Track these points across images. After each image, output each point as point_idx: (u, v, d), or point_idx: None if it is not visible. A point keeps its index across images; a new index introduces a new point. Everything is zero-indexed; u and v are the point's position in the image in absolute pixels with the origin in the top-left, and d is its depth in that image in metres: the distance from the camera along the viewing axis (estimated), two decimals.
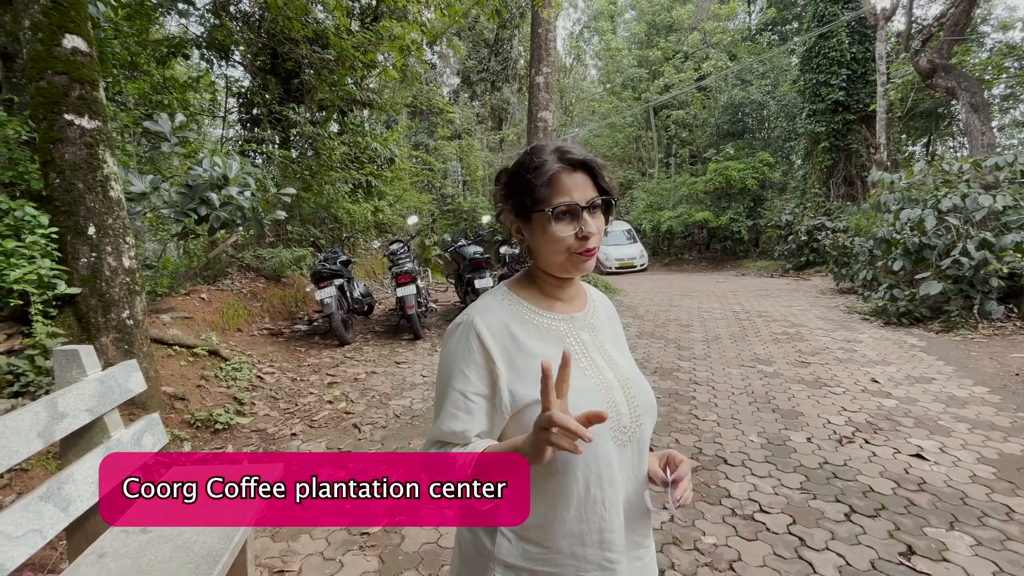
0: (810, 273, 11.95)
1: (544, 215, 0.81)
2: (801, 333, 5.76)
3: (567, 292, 0.91)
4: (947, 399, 3.65)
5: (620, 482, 0.83)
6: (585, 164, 0.83)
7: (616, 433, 0.83)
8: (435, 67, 20.13)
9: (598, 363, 0.87)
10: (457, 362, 0.82)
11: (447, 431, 0.81)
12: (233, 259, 6.05)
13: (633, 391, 0.87)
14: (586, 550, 0.82)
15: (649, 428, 0.89)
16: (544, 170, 0.81)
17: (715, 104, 19.78)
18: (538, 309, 0.88)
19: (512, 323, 0.85)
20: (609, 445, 0.82)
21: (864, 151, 12.70)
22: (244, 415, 3.35)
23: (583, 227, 0.80)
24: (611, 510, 0.82)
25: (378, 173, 9.56)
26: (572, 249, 0.81)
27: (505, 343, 0.83)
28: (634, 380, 0.89)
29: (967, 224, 5.71)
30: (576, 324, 0.90)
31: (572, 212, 0.81)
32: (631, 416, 0.85)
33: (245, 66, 8.41)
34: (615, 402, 0.84)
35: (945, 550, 2.10)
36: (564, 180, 0.81)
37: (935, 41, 8.40)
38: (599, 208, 0.84)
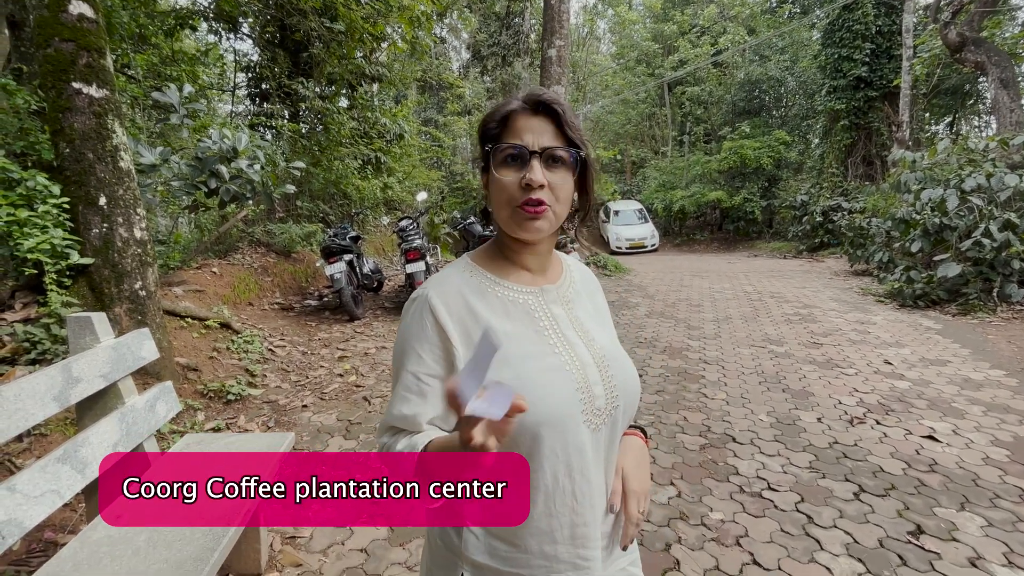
0: (824, 254, 11.77)
1: (492, 158, 0.73)
2: (814, 314, 5.69)
3: (534, 260, 0.80)
4: (962, 382, 3.60)
5: (593, 470, 0.75)
6: (547, 106, 0.72)
7: (589, 416, 0.74)
8: (444, 41, 19.75)
9: (570, 339, 0.78)
10: (411, 341, 0.75)
11: (397, 415, 0.74)
12: (244, 234, 6.06)
13: (611, 370, 0.78)
14: (557, 548, 0.74)
15: (627, 411, 0.80)
16: (501, 110, 0.74)
17: (731, 80, 19.27)
18: (501, 280, 0.79)
19: (471, 296, 0.76)
20: (580, 430, 0.73)
21: (885, 129, 12.33)
22: (256, 387, 3.40)
23: (528, 173, 0.70)
24: (583, 501, 0.74)
25: (387, 149, 9.48)
26: (515, 201, 0.71)
27: (462, 318, 0.74)
28: (612, 358, 0.80)
29: (991, 204, 5.55)
30: (547, 296, 0.80)
31: (520, 156, 0.71)
32: (607, 398, 0.76)
33: (254, 39, 8.29)
34: (587, 382, 0.75)
35: (955, 530, 2.09)
36: (519, 121, 0.73)
37: (965, 13, 8.04)
38: (562, 162, 0.73)
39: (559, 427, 0.71)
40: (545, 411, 0.70)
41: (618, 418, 0.78)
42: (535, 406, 0.67)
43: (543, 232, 0.74)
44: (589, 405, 0.74)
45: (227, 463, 1.68)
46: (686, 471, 2.57)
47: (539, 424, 0.70)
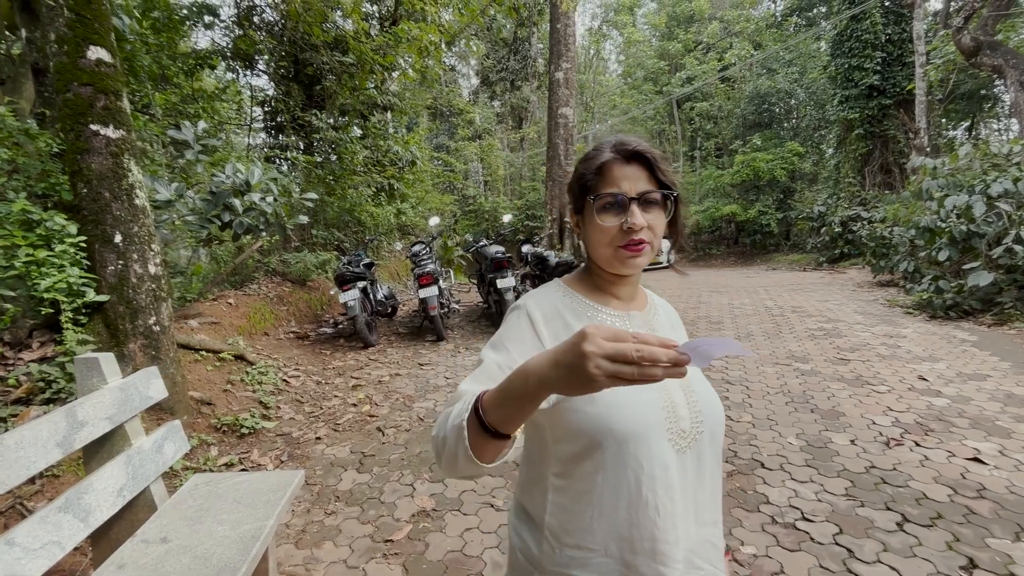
0: (845, 266, 11.49)
1: (591, 205, 0.80)
2: (839, 328, 5.50)
3: (623, 290, 0.88)
4: (1004, 397, 3.40)
5: (678, 490, 0.75)
6: (639, 155, 0.79)
7: (674, 437, 0.76)
8: (454, 68, 20.21)
9: None
10: (504, 339, 0.80)
11: (464, 389, 0.73)
12: (259, 264, 6.14)
13: (696, 395, 0.81)
14: (637, 559, 0.74)
15: (713, 441, 0.81)
16: (596, 160, 0.80)
17: (740, 94, 19.25)
18: (592, 303, 0.86)
19: (565, 312, 0.83)
20: (665, 447, 0.75)
21: (902, 137, 12.13)
22: (269, 419, 3.37)
23: (629, 218, 0.77)
24: (665, 518, 0.74)
25: (400, 175, 9.61)
26: (616, 243, 0.79)
27: (557, 330, 0.81)
28: (696, 384, 0.83)
29: (1020, 210, 5.35)
30: (634, 322, 0.86)
31: (620, 203, 0.78)
32: (691, 421, 0.79)
33: (269, 74, 8.56)
34: (673, 403, 0.78)
35: (1011, 563, 1.93)
36: (615, 170, 0.79)
37: (977, 18, 7.93)
38: (656, 203, 0.79)
39: (644, 439, 0.73)
40: (632, 421, 0.74)
41: (704, 444, 0.79)
42: (624, 416, 0.73)
43: (641, 267, 0.82)
44: (674, 425, 0.76)
45: (232, 508, 1.63)
46: None
47: (626, 433, 0.73)
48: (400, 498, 2.55)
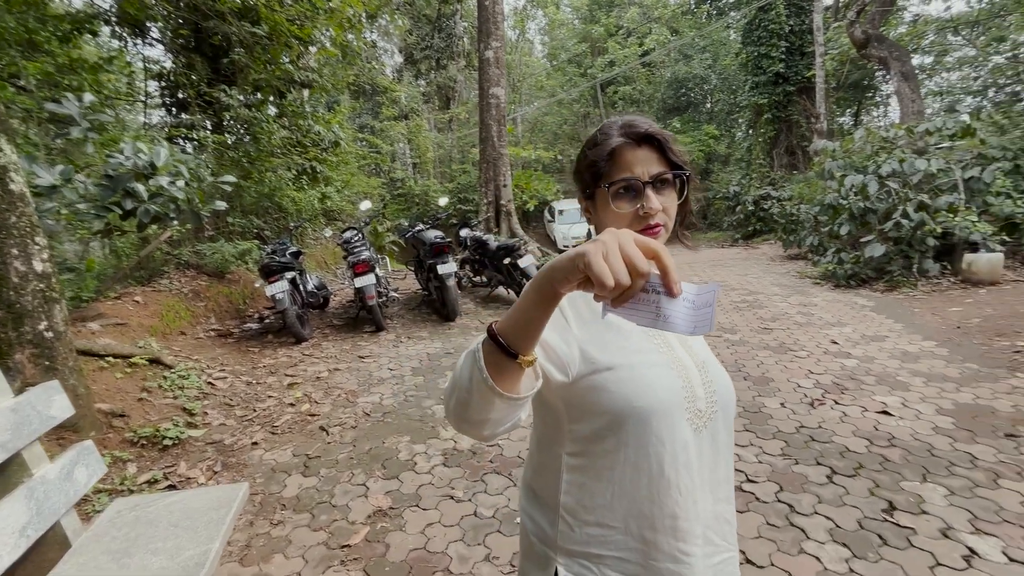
0: (758, 241, 12.42)
1: (604, 192, 0.77)
2: (760, 300, 5.93)
3: None
4: (901, 355, 3.83)
5: (696, 468, 0.77)
6: (650, 137, 0.77)
7: (692, 416, 0.77)
8: (376, 45, 19.23)
9: (671, 343, 0.82)
10: None
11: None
12: (169, 256, 5.54)
13: (711, 376, 0.81)
14: (657, 536, 0.75)
15: (726, 420, 0.81)
16: (606, 145, 0.78)
17: (660, 79, 20.01)
18: None
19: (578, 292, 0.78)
20: (684, 425, 0.76)
21: (804, 121, 13.21)
22: (196, 427, 3.06)
23: (645, 203, 0.75)
24: (686, 496, 0.75)
25: (323, 158, 9.03)
26: (633, 228, 0.76)
27: (580, 306, 0.79)
28: (710, 364, 0.83)
29: (905, 188, 6.01)
30: None
31: (634, 188, 0.76)
32: (707, 400, 0.79)
33: (165, 44, 7.64)
34: (691, 382, 0.78)
35: (923, 502, 2.17)
36: (626, 155, 0.77)
37: (866, 13, 8.74)
38: (668, 184, 0.78)
39: (666, 418, 0.74)
40: (655, 400, 0.74)
41: (719, 424, 0.80)
42: (646, 395, 0.74)
43: None
44: (692, 405, 0.77)
45: (168, 534, 1.44)
46: None
47: (648, 411, 0.73)
48: (353, 499, 2.42)
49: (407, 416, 3.31)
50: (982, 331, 4.16)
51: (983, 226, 5.55)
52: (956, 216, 5.68)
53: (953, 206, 5.78)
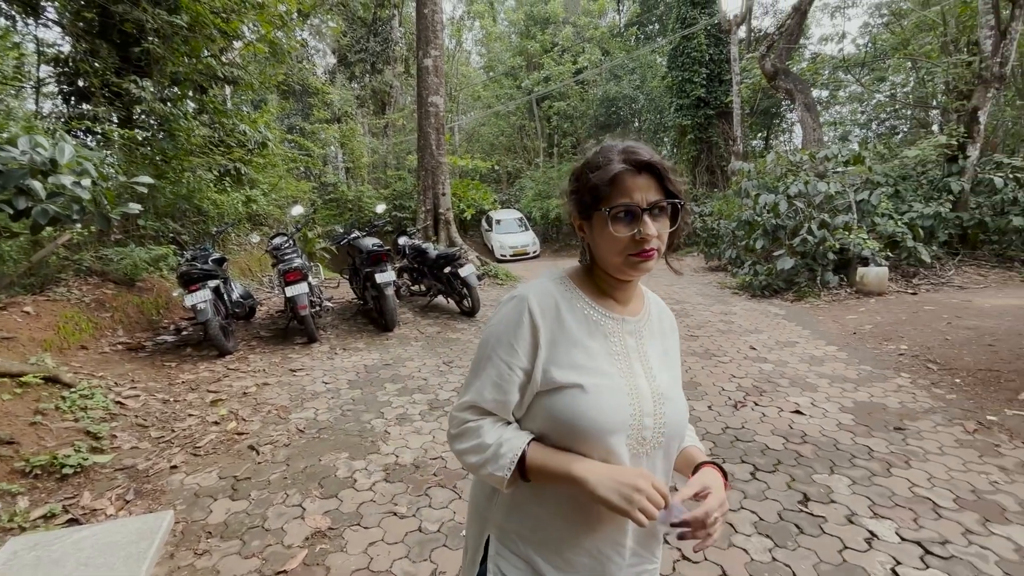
0: (683, 254, 13.21)
1: (603, 215, 0.81)
2: (686, 309, 6.31)
3: (623, 294, 0.91)
4: (809, 359, 4.23)
5: None
6: (651, 166, 0.81)
7: (633, 443, 0.83)
8: (307, 44, 18.50)
9: (635, 369, 0.87)
10: (507, 334, 0.84)
11: (489, 399, 0.84)
12: (67, 262, 4.97)
13: (665, 409, 0.86)
14: (579, 536, 0.84)
15: (668, 453, 0.90)
16: (608, 169, 0.81)
17: (592, 97, 20.84)
18: (591, 301, 0.89)
19: (563, 306, 0.87)
20: (623, 449, 0.81)
21: (723, 143, 14.29)
22: (103, 452, 2.75)
23: (641, 229, 0.79)
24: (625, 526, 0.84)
25: (248, 159, 8.52)
26: (628, 251, 0.81)
27: (552, 324, 0.84)
28: (669, 398, 0.88)
29: (810, 207, 6.67)
30: (625, 326, 0.90)
31: (631, 213, 0.80)
32: (655, 430, 0.85)
33: (64, 27, 6.90)
34: (640, 411, 0.84)
35: (831, 493, 2.41)
36: (627, 181, 0.80)
37: (776, 48, 9.67)
38: (664, 212, 0.82)
39: (607, 438, 0.79)
40: (601, 420, 0.80)
41: (658, 455, 0.87)
42: (593, 414, 0.80)
43: (648, 271, 0.85)
44: (636, 432, 0.82)
45: (79, 574, 1.29)
46: None
47: (592, 429, 0.79)
48: (288, 521, 2.29)
49: (345, 431, 3.18)
50: (873, 336, 4.69)
51: (872, 243, 6.27)
52: (850, 234, 6.38)
53: (848, 225, 6.49)
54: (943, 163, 7.86)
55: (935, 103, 12.31)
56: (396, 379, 4.10)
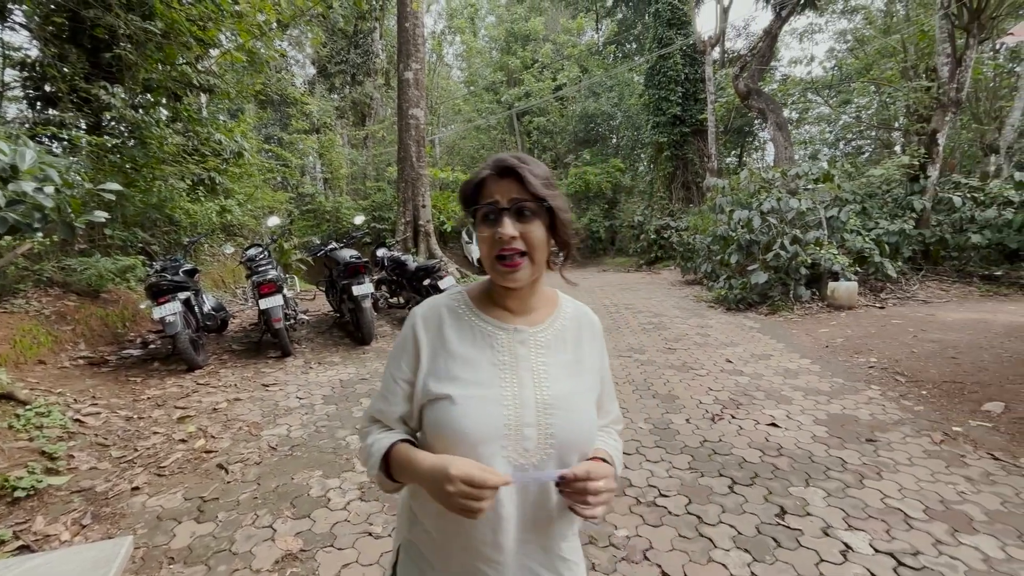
0: (660, 267, 13.41)
1: (476, 219, 0.85)
2: (663, 322, 6.38)
3: (517, 303, 0.90)
4: (784, 372, 4.31)
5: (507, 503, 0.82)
6: (512, 170, 0.83)
7: (512, 454, 0.82)
8: (286, 55, 18.38)
9: (522, 380, 0.86)
10: (397, 348, 0.91)
11: (375, 408, 0.92)
12: (27, 272, 4.76)
13: (553, 419, 0.84)
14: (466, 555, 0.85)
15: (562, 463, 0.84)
16: (477, 176, 0.85)
17: (571, 113, 21.17)
18: (480, 313, 0.90)
19: (447, 319, 0.89)
20: (497, 462, 0.81)
21: (698, 160, 14.64)
22: (59, 473, 2.61)
23: (500, 229, 0.81)
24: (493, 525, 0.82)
25: (223, 168, 8.36)
26: (493, 253, 0.83)
27: (434, 338, 0.87)
28: (560, 408, 0.85)
29: (782, 223, 6.85)
30: (517, 336, 0.89)
31: (493, 213, 0.82)
32: (539, 441, 0.83)
33: (32, 30, 6.71)
34: (519, 422, 0.83)
35: (807, 505, 2.43)
36: (491, 184, 0.83)
37: (749, 68, 10.01)
38: (534, 214, 0.83)
39: (478, 449, 0.79)
40: (467, 433, 0.80)
41: (550, 462, 0.84)
42: (464, 425, 0.80)
43: (521, 280, 0.84)
44: (515, 444, 0.81)
45: None
46: None
47: (463, 440, 0.80)
48: (258, 544, 2.20)
49: (319, 449, 3.09)
50: (845, 349, 4.81)
51: (841, 258, 6.47)
52: (821, 249, 6.57)
53: (819, 240, 6.69)
54: (906, 182, 8.20)
55: (897, 125, 12.89)
56: (373, 394, 4.02)
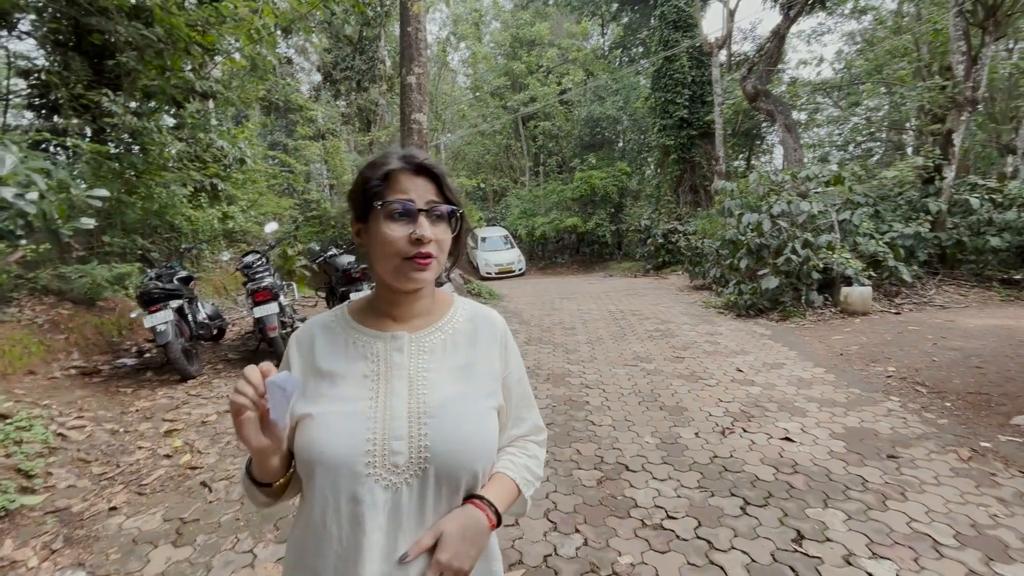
0: (667, 272, 13.21)
1: (377, 212, 0.76)
2: (671, 329, 6.20)
3: (403, 309, 0.84)
4: (797, 382, 4.12)
5: (371, 524, 0.72)
6: (427, 169, 0.79)
7: (380, 471, 0.73)
8: (291, 62, 18.48)
9: (394, 389, 0.78)
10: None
11: None
12: (21, 280, 4.69)
13: (428, 428, 0.76)
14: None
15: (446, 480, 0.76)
16: (383, 167, 0.78)
17: (577, 117, 21.07)
18: (356, 324, 0.85)
19: (320, 334, 0.84)
20: (360, 480, 0.73)
21: (705, 163, 14.46)
22: (34, 491, 2.50)
23: (417, 229, 0.75)
24: (350, 552, 0.73)
25: (226, 175, 8.32)
26: (404, 254, 0.75)
27: (306, 357, 0.83)
28: (438, 416, 0.77)
29: (793, 227, 6.66)
30: (394, 343, 0.82)
31: (408, 212, 0.76)
32: (410, 456, 0.74)
33: (38, 39, 6.72)
34: (385, 435, 0.75)
35: (826, 529, 2.25)
36: (402, 179, 0.77)
37: (757, 70, 9.84)
38: (443, 218, 0.78)
39: (332, 472, 0.72)
40: (323, 453, 0.73)
41: (429, 478, 0.75)
42: (317, 446, 0.73)
43: (426, 282, 0.79)
44: (381, 459, 0.74)
45: None
46: (588, 512, 2.45)
47: (315, 463, 0.73)
48: (236, 572, 2.06)
49: None
50: (860, 358, 4.61)
51: (854, 263, 6.27)
52: (833, 253, 6.37)
53: (831, 244, 6.49)
54: (920, 184, 7.97)
55: (908, 126, 12.63)
56: None
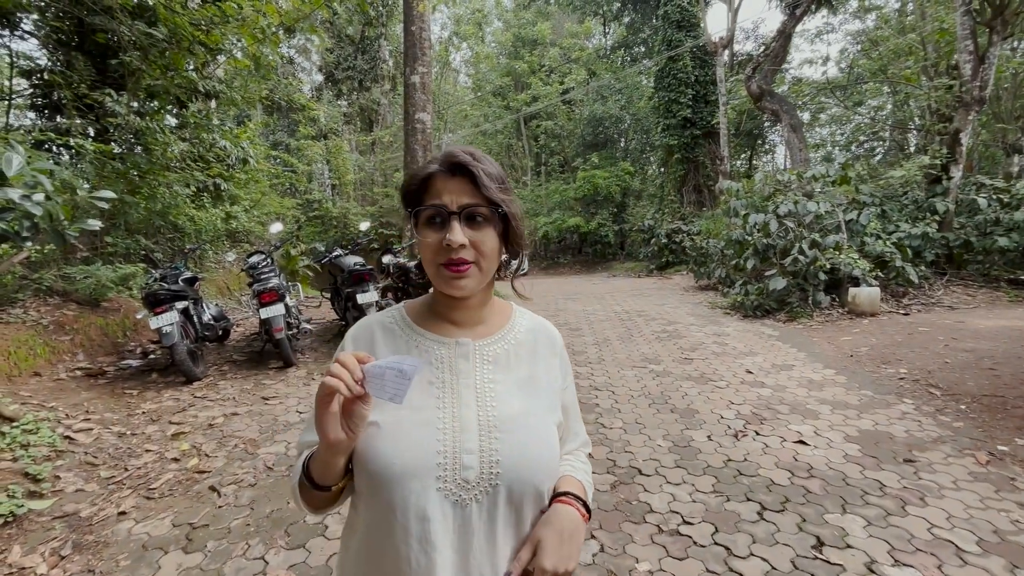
0: (671, 272, 13.17)
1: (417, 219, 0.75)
2: (678, 330, 6.16)
3: (462, 314, 0.81)
4: (808, 383, 4.08)
5: (442, 545, 0.69)
6: (464, 168, 0.72)
7: (450, 485, 0.70)
8: (293, 62, 18.45)
9: (463, 398, 0.75)
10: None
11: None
12: (26, 281, 4.67)
13: (498, 442, 0.72)
14: None
15: (513, 497, 0.72)
16: (423, 172, 0.75)
17: (579, 117, 21.02)
18: (419, 327, 0.81)
19: (380, 337, 0.81)
20: (430, 496, 0.69)
21: (709, 163, 14.42)
22: (42, 496, 2.47)
23: (448, 234, 0.71)
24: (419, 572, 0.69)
25: (229, 174, 8.30)
26: (439, 259, 0.73)
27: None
28: (508, 429, 0.73)
29: (800, 227, 6.62)
30: (460, 350, 0.79)
31: (440, 216, 0.73)
32: (481, 472, 0.71)
33: (40, 39, 6.69)
34: (456, 448, 0.71)
35: (846, 535, 2.22)
36: (438, 182, 0.74)
37: (761, 69, 9.80)
38: (487, 220, 0.73)
39: (407, 484, 0.69)
40: (393, 464, 0.69)
41: (499, 496, 0.71)
42: (385, 457, 0.69)
43: (468, 289, 0.75)
44: (452, 473, 0.70)
45: None
46: (604, 518, 2.41)
47: (391, 474, 0.69)
48: None
49: None
50: (871, 359, 4.57)
51: (862, 263, 6.22)
52: (840, 253, 6.33)
53: (838, 244, 6.45)
54: (926, 184, 7.92)
55: (912, 126, 12.58)
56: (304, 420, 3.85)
